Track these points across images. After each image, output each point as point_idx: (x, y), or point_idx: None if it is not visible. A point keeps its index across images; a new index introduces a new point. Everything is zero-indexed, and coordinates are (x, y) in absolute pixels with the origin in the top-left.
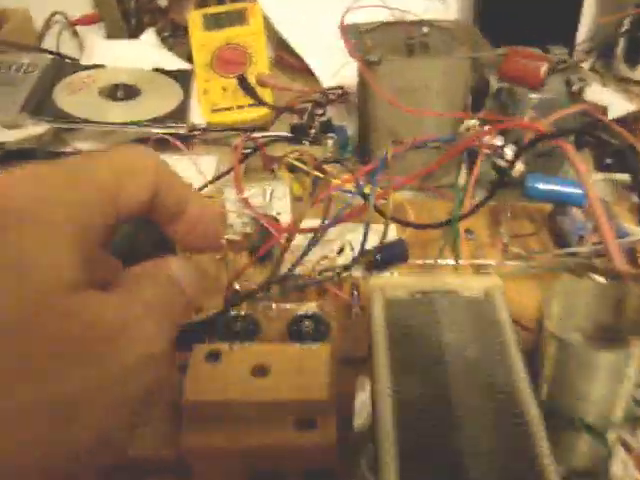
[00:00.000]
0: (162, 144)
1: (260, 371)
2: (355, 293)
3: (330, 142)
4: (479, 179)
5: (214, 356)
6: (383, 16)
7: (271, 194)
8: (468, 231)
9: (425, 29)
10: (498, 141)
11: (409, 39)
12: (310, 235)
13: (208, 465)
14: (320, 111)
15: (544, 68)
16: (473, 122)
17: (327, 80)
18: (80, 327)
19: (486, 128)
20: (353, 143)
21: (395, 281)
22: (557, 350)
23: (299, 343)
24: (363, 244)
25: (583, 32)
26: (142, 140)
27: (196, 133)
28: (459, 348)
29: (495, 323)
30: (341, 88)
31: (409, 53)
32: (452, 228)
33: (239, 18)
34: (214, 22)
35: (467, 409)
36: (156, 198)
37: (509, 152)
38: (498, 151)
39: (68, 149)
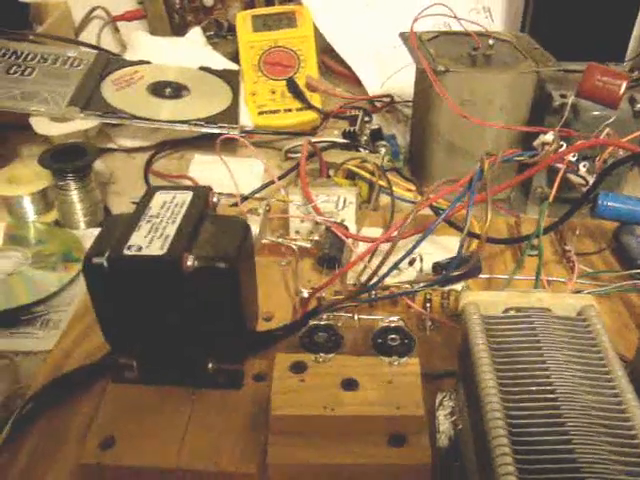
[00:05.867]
0: (210, 144)
1: (349, 384)
2: (428, 305)
3: (383, 150)
4: (531, 194)
5: (299, 367)
6: (437, 26)
7: (343, 203)
8: (532, 247)
9: (491, 41)
10: (571, 156)
11: (473, 50)
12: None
13: None
14: (367, 118)
15: (624, 86)
16: (549, 137)
17: (373, 88)
18: None
19: (563, 145)
20: (404, 152)
21: (488, 297)
22: None
23: (386, 357)
24: (458, 255)
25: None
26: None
27: (243, 135)
28: (564, 369)
29: (595, 344)
30: (389, 96)
31: (472, 64)
32: (539, 244)
33: (288, 20)
34: (263, 23)
35: (581, 435)
36: None
37: (583, 168)
38: (572, 167)
39: (112, 145)
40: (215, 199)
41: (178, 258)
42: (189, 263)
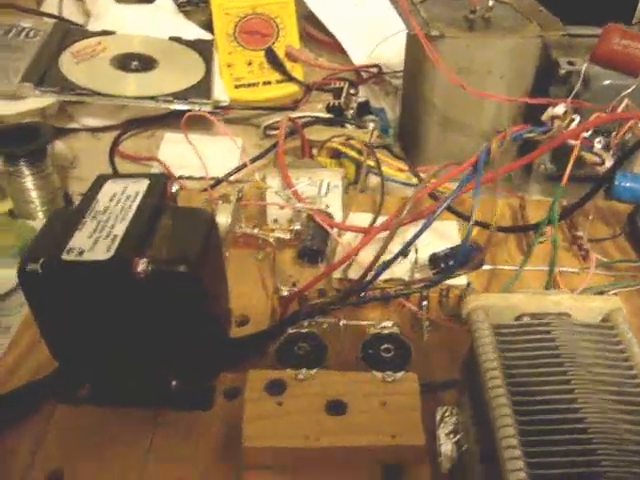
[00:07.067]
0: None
1: (336, 407)
2: (425, 304)
3: (372, 125)
4: (534, 171)
5: (277, 387)
6: None
7: (327, 187)
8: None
9: (491, 2)
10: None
11: (471, 13)
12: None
13: None
14: (352, 91)
15: None
16: (559, 110)
17: (359, 58)
18: None
19: (576, 119)
20: (394, 127)
21: (498, 301)
22: None
23: (378, 371)
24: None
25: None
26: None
27: (218, 111)
28: (592, 392)
29: (626, 358)
30: (377, 66)
31: (470, 29)
32: (552, 234)
33: None
34: None
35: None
36: None
37: (598, 145)
38: (587, 143)
39: (74, 125)
40: (174, 188)
41: (127, 262)
42: (141, 268)
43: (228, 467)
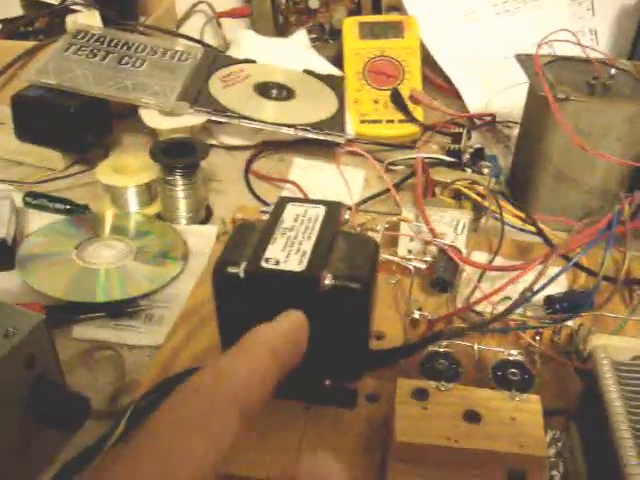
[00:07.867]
0: (310, 148)
1: (472, 416)
2: (538, 339)
3: (487, 171)
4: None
5: (421, 394)
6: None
7: (458, 224)
8: None
9: (613, 71)
10: None
11: (593, 79)
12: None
13: None
14: (468, 136)
15: None
16: None
17: (474, 105)
18: None
19: None
20: (504, 174)
21: (618, 342)
22: None
23: (506, 391)
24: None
25: None
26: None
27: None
28: None
29: None
30: (492, 115)
31: (591, 93)
32: None
33: (395, 30)
34: (370, 31)
35: None
36: None
37: None
38: None
39: (213, 141)
40: (347, 216)
41: (317, 276)
42: (327, 282)
43: (370, 459)
